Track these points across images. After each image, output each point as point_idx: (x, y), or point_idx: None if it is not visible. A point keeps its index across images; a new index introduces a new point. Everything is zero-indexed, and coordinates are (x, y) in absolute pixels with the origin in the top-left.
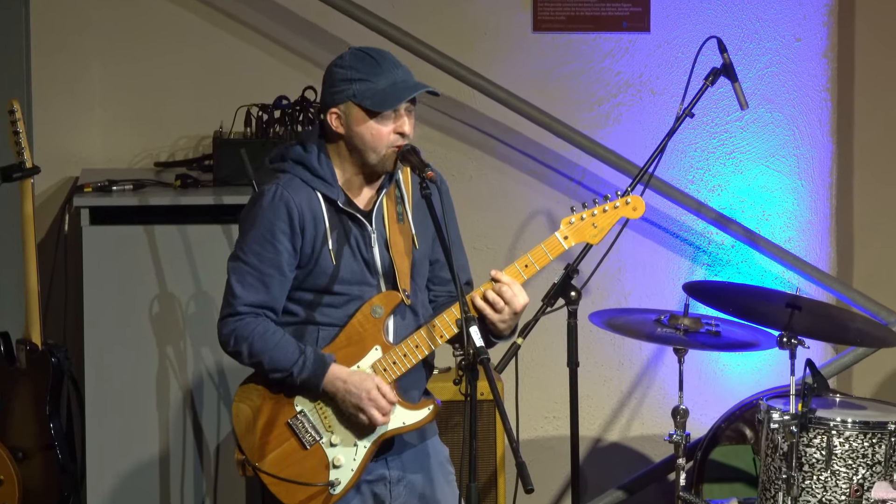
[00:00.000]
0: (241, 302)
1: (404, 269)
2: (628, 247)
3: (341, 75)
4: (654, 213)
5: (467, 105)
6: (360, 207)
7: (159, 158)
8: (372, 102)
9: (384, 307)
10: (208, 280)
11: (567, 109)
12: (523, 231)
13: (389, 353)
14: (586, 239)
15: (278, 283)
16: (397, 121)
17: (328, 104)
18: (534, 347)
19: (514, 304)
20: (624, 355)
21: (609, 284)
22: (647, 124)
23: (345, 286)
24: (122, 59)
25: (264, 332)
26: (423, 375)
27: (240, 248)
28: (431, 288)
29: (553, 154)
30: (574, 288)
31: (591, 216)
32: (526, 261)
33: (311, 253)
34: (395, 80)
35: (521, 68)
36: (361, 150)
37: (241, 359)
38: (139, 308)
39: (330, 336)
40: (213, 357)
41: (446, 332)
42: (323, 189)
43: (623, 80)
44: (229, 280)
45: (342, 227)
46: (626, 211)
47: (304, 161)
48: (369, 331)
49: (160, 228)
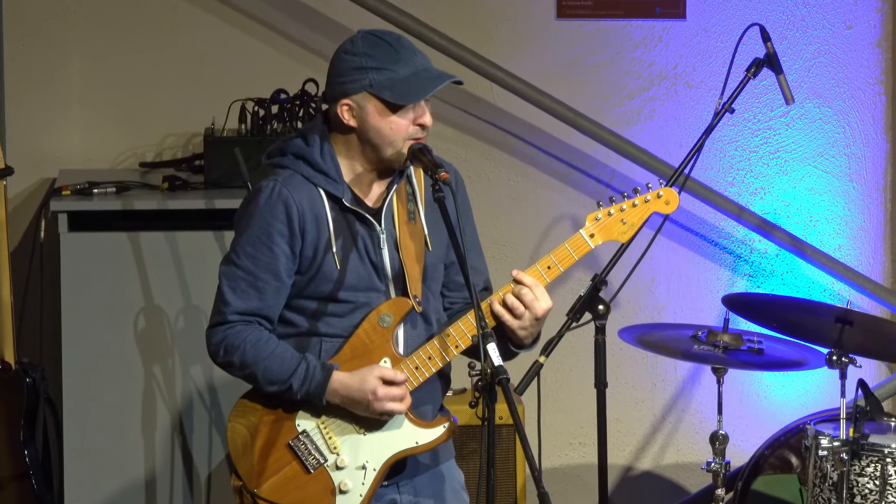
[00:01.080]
0: (232, 309)
1: (416, 273)
2: (662, 256)
3: (354, 63)
4: (691, 218)
5: (484, 99)
6: (368, 206)
7: (145, 158)
8: (393, 94)
9: (393, 315)
10: (199, 292)
11: (594, 104)
12: (546, 238)
13: (399, 366)
14: (615, 237)
15: (274, 289)
16: (417, 111)
17: (338, 95)
18: (558, 366)
19: (535, 308)
20: (657, 375)
21: (641, 297)
22: (683, 120)
23: (350, 293)
24: (104, 49)
25: (257, 341)
26: (438, 390)
27: (233, 250)
28: (446, 294)
29: (579, 153)
30: (602, 301)
31: (619, 211)
32: (549, 262)
33: (313, 257)
34: (416, 68)
35: (543, 59)
36: (378, 144)
37: (232, 370)
38: (123, 323)
39: (334, 348)
40: (204, 375)
41: (461, 342)
42: (326, 186)
43: (656, 71)
44: (220, 286)
45: (348, 227)
46: (657, 205)
47: (306, 155)
48: (377, 342)
49: (146, 235)
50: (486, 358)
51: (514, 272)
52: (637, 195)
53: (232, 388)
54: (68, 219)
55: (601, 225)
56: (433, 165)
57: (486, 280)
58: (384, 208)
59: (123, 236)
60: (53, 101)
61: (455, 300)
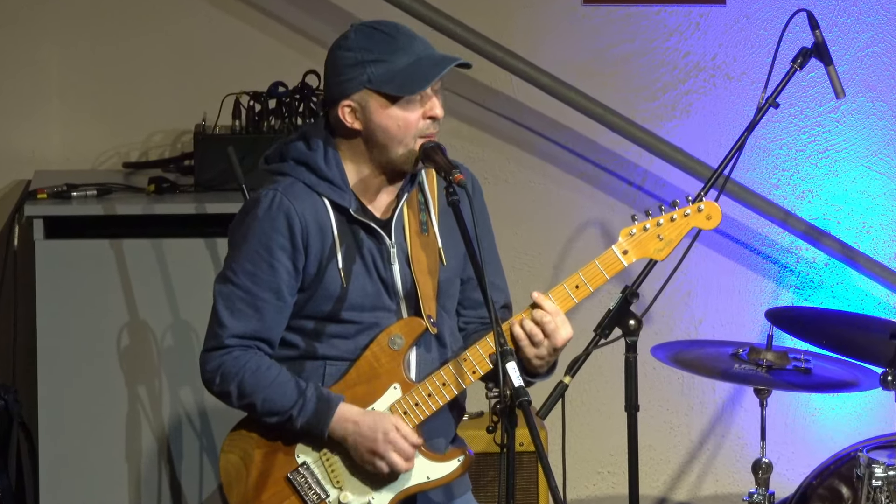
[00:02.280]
0: (230, 332)
1: (429, 290)
2: (699, 266)
3: (349, 59)
4: (731, 224)
5: (503, 93)
6: (376, 216)
7: (129, 158)
8: (394, 86)
9: (405, 337)
10: (188, 305)
11: (625, 98)
12: (572, 246)
13: (411, 392)
14: (650, 254)
15: (275, 309)
16: (426, 103)
17: (337, 97)
18: (584, 388)
19: (555, 338)
20: (694, 397)
21: (676, 311)
22: (722, 116)
23: (357, 312)
24: (84, 37)
25: (257, 368)
26: (452, 420)
27: (229, 267)
28: (462, 313)
29: (608, 153)
30: (633, 315)
31: (655, 226)
32: (577, 281)
33: (317, 272)
34: (416, 55)
35: (569, 48)
36: (386, 144)
37: (229, 400)
38: (105, 340)
39: (338, 373)
40: (195, 398)
41: (479, 368)
42: (331, 194)
43: (693, 62)
44: (215, 306)
45: (354, 239)
46: (698, 220)
47: (309, 161)
48: (386, 366)
49: (130, 243)
50: (505, 378)
51: (535, 295)
52: (676, 209)
53: (225, 412)
54: (44, 225)
55: (635, 241)
56: (447, 166)
57: (505, 298)
58: (394, 219)
59: (105, 244)
60: (28, 95)
61: (470, 319)
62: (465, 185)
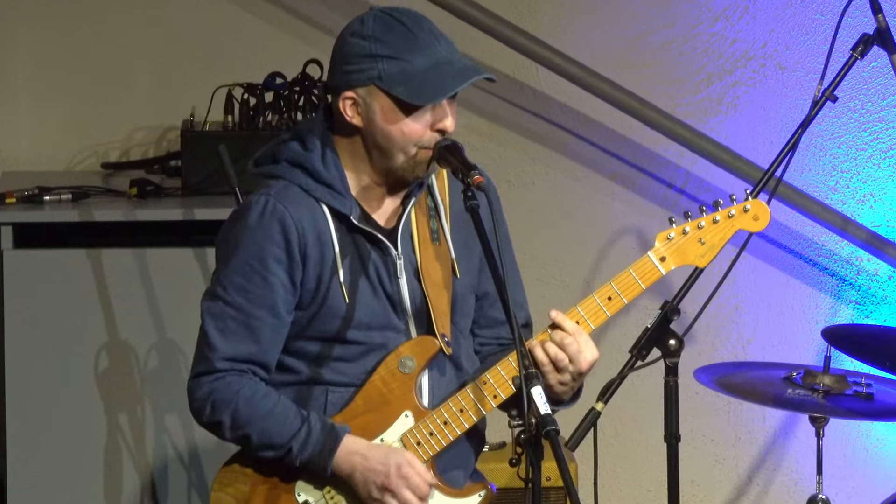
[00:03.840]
0: (221, 355)
1: (442, 306)
2: (748, 278)
3: (362, 48)
4: (784, 232)
5: (528, 85)
6: (381, 224)
7: (108, 158)
8: (407, 91)
9: (417, 359)
10: (175, 323)
11: (664, 91)
12: (604, 257)
13: (424, 420)
14: (690, 261)
15: (270, 328)
16: (437, 114)
17: (340, 85)
18: (619, 415)
19: (579, 361)
20: (742, 426)
21: (722, 329)
22: (773, 111)
23: (362, 332)
24: (57, 24)
25: (252, 395)
26: (471, 451)
27: (217, 282)
28: (477, 333)
29: (645, 152)
30: (674, 334)
31: (696, 229)
32: (609, 292)
33: (316, 288)
34: (436, 59)
35: (601, 35)
36: (385, 149)
37: (221, 432)
38: (80, 363)
39: (342, 400)
40: (182, 428)
41: (501, 392)
42: (330, 200)
43: (741, 50)
44: (204, 326)
45: (356, 251)
46: (744, 221)
47: (304, 162)
48: (396, 391)
49: (109, 253)
50: (530, 405)
51: (554, 315)
52: (718, 209)
53: (217, 446)
54: (13, 232)
55: (674, 246)
56: (465, 167)
57: (525, 316)
58: (400, 227)
59: (81, 254)
60: None
61: (487, 340)
62: (485, 187)
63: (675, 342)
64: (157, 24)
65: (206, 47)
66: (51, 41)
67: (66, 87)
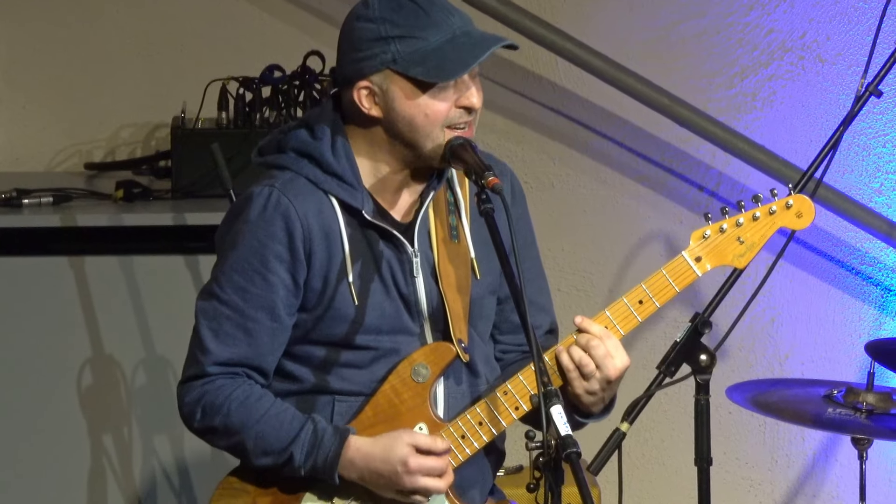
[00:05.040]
0: (214, 358)
1: (460, 309)
2: (786, 288)
3: (371, 32)
4: (824, 237)
5: (548, 79)
6: (396, 219)
7: (92, 158)
8: (425, 70)
9: (431, 367)
10: (164, 336)
11: (695, 85)
12: (630, 266)
13: (440, 433)
14: (728, 261)
15: (269, 332)
16: (460, 90)
17: (352, 76)
18: (646, 437)
19: (607, 367)
20: (779, 448)
21: (757, 344)
22: (813, 107)
23: (372, 337)
24: (37, 12)
25: (246, 398)
26: (488, 467)
27: (214, 279)
28: (499, 339)
29: (674, 151)
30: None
31: (734, 227)
32: (640, 294)
33: (323, 288)
34: (452, 32)
35: (626, 25)
36: (409, 137)
37: (214, 439)
38: (62, 379)
39: (350, 410)
40: (172, 448)
41: (522, 403)
42: (340, 192)
43: (778, 41)
44: (197, 327)
45: (369, 248)
46: (786, 218)
47: (313, 151)
48: (409, 402)
49: (93, 261)
50: (549, 425)
51: (578, 320)
52: (758, 204)
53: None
54: None
55: (711, 245)
56: (478, 167)
57: (551, 322)
58: (417, 223)
59: (64, 262)
60: None
61: (509, 347)
62: (500, 190)
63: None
64: (146, 13)
65: (199, 37)
66: (30, 30)
67: (47, 81)
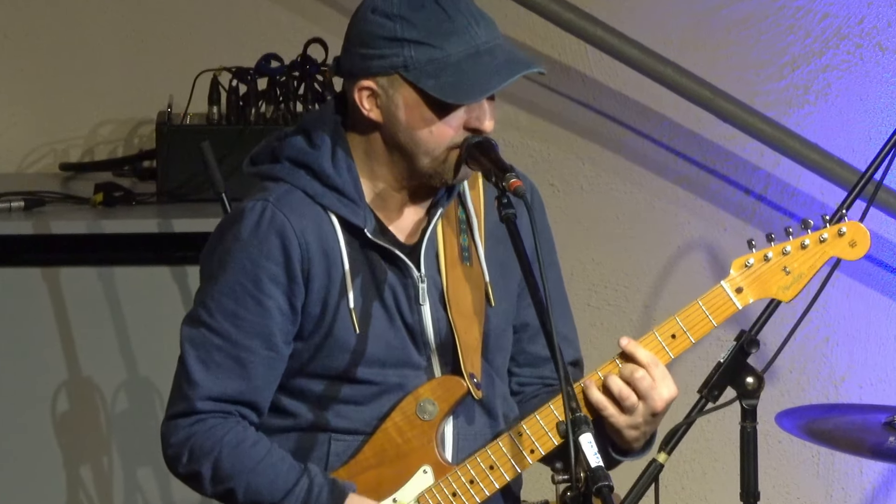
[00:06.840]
0: (203, 393)
1: (472, 339)
2: (841, 304)
3: (384, 29)
4: (884, 246)
5: (577, 70)
6: (401, 240)
7: (68, 158)
8: (438, 86)
9: (439, 403)
10: (149, 356)
11: (741, 77)
12: (668, 277)
13: (447, 478)
14: (772, 293)
15: (264, 362)
16: (472, 111)
17: (356, 72)
18: (685, 468)
19: (653, 399)
20: (834, 480)
21: (809, 365)
22: (872, 101)
23: (374, 370)
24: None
25: (239, 444)
26: None
27: (202, 304)
28: (516, 372)
29: (717, 150)
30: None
31: (780, 255)
32: (673, 328)
33: (321, 315)
34: (475, 47)
35: (664, 11)
36: (407, 149)
37: (200, 485)
38: (36, 402)
39: (349, 450)
40: (157, 482)
41: (541, 447)
42: (340, 209)
43: (833, 27)
44: (184, 357)
45: (370, 271)
46: (838, 247)
47: (311, 162)
48: (413, 442)
49: (69, 272)
50: (578, 456)
51: (624, 342)
52: (807, 231)
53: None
54: None
55: (753, 275)
56: (499, 169)
57: (574, 352)
58: (424, 243)
59: (36, 273)
60: None
61: (528, 380)
62: (523, 193)
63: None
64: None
65: (187, 24)
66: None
67: (18, 72)
